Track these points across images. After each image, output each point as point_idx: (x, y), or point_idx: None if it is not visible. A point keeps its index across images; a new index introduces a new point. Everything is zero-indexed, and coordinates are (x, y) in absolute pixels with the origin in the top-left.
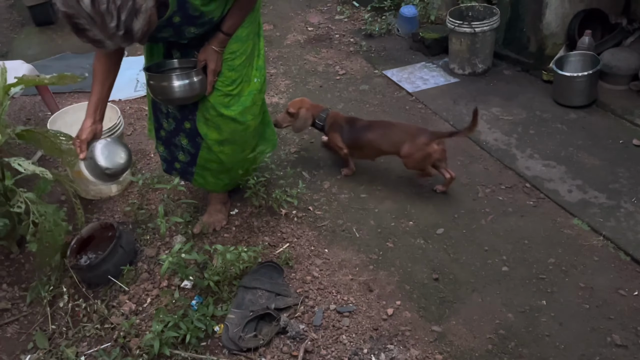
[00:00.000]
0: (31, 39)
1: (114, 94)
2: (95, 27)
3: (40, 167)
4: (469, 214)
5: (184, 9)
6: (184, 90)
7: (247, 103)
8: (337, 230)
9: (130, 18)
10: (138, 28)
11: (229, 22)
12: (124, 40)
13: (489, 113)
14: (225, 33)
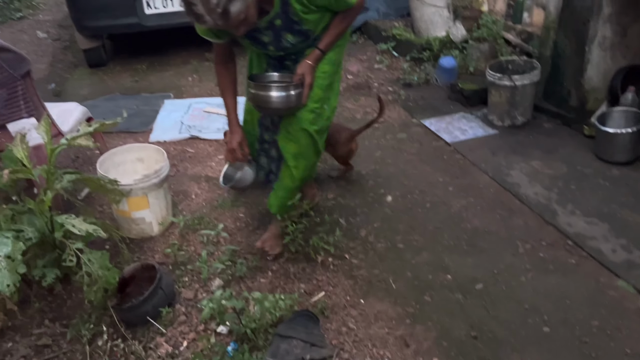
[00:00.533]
0: (83, 80)
1: (159, 135)
2: (201, 5)
3: (89, 214)
4: (508, 270)
5: (286, 12)
6: (281, 101)
7: (327, 123)
8: (373, 280)
9: (229, 4)
10: (235, 11)
11: (326, 40)
12: (221, 18)
13: (529, 166)
14: (321, 50)
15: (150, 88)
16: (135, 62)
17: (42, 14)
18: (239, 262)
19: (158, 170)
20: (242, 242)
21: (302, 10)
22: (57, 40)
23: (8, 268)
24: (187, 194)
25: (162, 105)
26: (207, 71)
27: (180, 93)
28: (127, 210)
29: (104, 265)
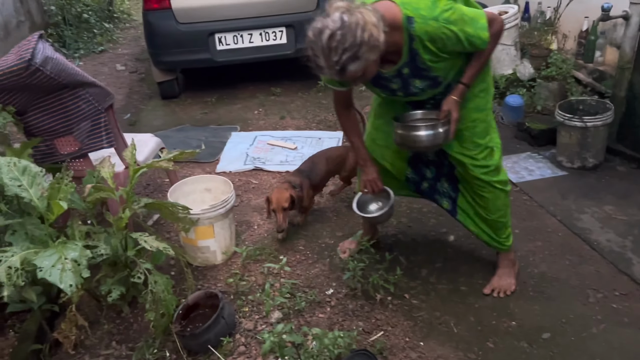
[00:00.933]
0: (157, 111)
1: (225, 166)
2: (322, 56)
3: (158, 236)
4: (578, 320)
5: (415, 61)
6: (431, 139)
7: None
8: (434, 322)
9: (348, 61)
10: (352, 69)
11: (469, 73)
12: (338, 74)
13: (601, 211)
14: (465, 84)
15: (218, 120)
16: (205, 95)
17: (121, 47)
18: (298, 295)
19: (225, 201)
20: (301, 276)
21: (431, 59)
22: (134, 73)
23: (73, 270)
24: (249, 224)
25: (229, 137)
26: (272, 105)
27: (247, 126)
28: (193, 239)
29: (167, 290)
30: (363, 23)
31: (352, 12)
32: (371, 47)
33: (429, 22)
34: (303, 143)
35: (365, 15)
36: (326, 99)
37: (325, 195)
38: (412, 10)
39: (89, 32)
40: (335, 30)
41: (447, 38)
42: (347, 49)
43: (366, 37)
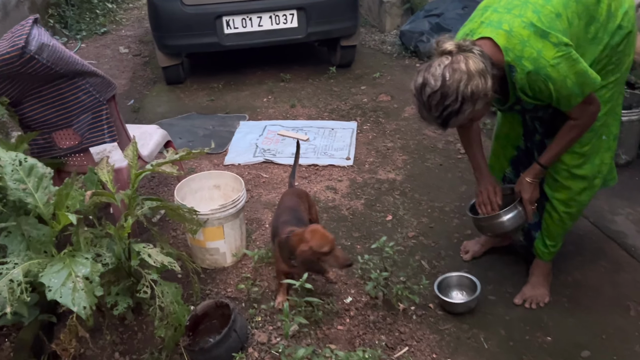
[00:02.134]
0: (161, 97)
1: (234, 158)
2: (424, 110)
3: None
4: (619, 335)
5: (520, 102)
6: (514, 222)
7: (595, 162)
8: (462, 336)
9: (449, 116)
10: (455, 123)
11: (548, 154)
12: (439, 126)
13: (636, 212)
14: (542, 165)
15: (225, 108)
16: (211, 80)
17: (124, 29)
18: (315, 303)
19: (235, 200)
20: (316, 281)
21: (533, 103)
22: (138, 56)
23: (85, 289)
24: (260, 223)
25: (238, 127)
26: (282, 92)
27: (256, 114)
28: (202, 240)
29: (176, 300)
30: (467, 78)
31: (456, 64)
32: (475, 100)
33: (529, 75)
34: (315, 134)
35: (471, 64)
36: (338, 86)
37: (341, 191)
38: (515, 58)
39: (91, 12)
40: (435, 89)
41: (540, 91)
42: (448, 106)
43: (469, 93)
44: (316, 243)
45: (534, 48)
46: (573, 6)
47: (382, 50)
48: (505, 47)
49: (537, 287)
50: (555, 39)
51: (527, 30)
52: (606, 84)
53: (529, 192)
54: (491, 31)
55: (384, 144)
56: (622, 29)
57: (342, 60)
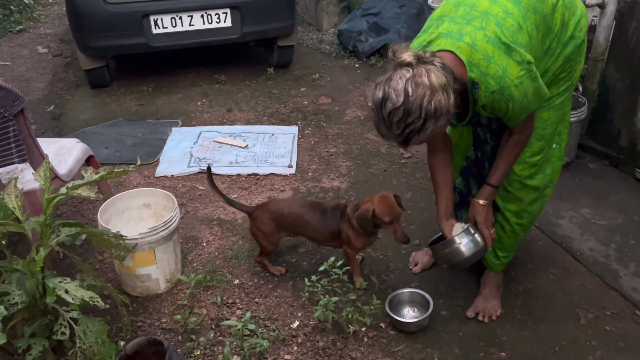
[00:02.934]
0: (85, 102)
1: (166, 169)
2: (384, 127)
3: (90, 279)
4: (572, 347)
5: (477, 116)
6: (471, 247)
7: (547, 171)
8: (416, 357)
9: (411, 134)
10: (417, 141)
11: (496, 174)
12: (400, 144)
13: (579, 215)
14: (492, 186)
15: (156, 113)
16: (140, 83)
17: (43, 27)
18: (259, 332)
19: (167, 221)
20: (260, 305)
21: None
22: (59, 56)
23: None
24: (197, 241)
25: (170, 134)
26: (217, 95)
27: (189, 119)
28: (131, 267)
29: (101, 339)
30: (430, 93)
31: (419, 78)
32: (438, 117)
33: (494, 94)
34: (255, 140)
35: (433, 78)
36: (277, 88)
37: None
38: (480, 75)
39: (4, 8)
40: (398, 105)
41: (499, 109)
42: (410, 124)
43: (432, 109)
44: (380, 209)
45: (499, 66)
46: (532, 17)
47: (320, 50)
48: (469, 62)
49: (489, 300)
50: (518, 56)
51: (490, 45)
52: (558, 92)
53: (482, 214)
54: (452, 44)
55: (326, 150)
56: (574, 39)
57: (280, 61)
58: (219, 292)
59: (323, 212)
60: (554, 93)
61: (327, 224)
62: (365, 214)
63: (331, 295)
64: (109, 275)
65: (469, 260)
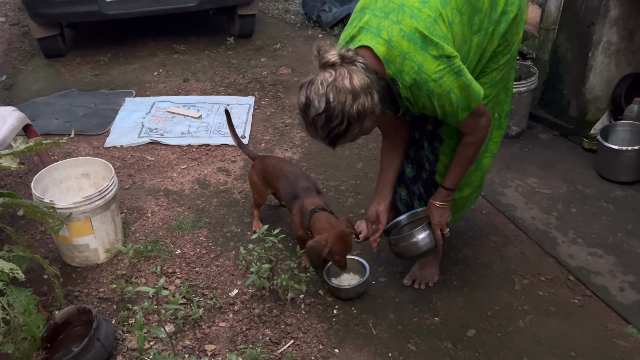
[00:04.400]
0: (38, 72)
1: (116, 140)
2: (311, 129)
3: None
4: (504, 312)
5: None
6: (428, 242)
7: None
8: (351, 323)
9: (337, 138)
10: (342, 142)
11: (450, 176)
12: (328, 145)
13: (525, 184)
14: (447, 189)
15: (111, 83)
16: (97, 53)
17: None
18: (196, 300)
19: (103, 191)
20: (200, 274)
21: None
22: (16, 25)
23: None
24: (142, 212)
25: (123, 105)
26: (175, 65)
27: (144, 90)
28: (68, 237)
29: (28, 310)
30: (352, 97)
31: (340, 83)
32: (362, 119)
33: (411, 89)
34: (209, 110)
35: (355, 81)
36: (236, 58)
37: (234, 173)
38: (396, 72)
39: None
40: (320, 112)
41: (424, 106)
42: (334, 128)
43: (355, 113)
44: (337, 249)
45: (415, 62)
46: (452, 2)
47: (285, 20)
48: (385, 59)
49: (426, 267)
50: (435, 51)
51: (406, 40)
52: (497, 67)
53: (437, 215)
54: (371, 39)
55: (282, 121)
56: (506, 14)
57: (241, 31)
58: (160, 262)
59: (292, 186)
60: (493, 68)
61: (288, 198)
62: (319, 250)
63: (267, 263)
64: (49, 246)
65: (421, 255)
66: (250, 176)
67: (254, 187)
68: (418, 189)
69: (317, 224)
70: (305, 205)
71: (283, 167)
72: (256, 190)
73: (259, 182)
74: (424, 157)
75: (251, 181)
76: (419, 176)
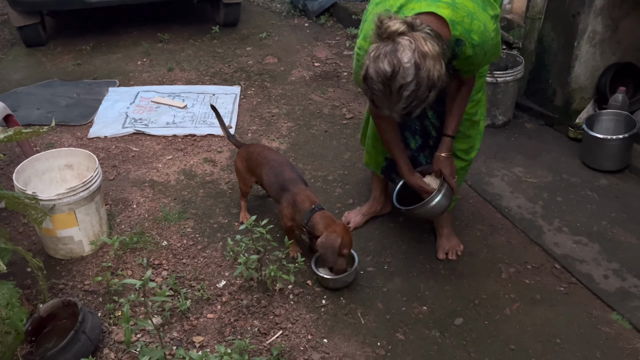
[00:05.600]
0: (18, 61)
1: (100, 130)
2: (386, 100)
3: None
4: (491, 300)
5: None
6: (444, 202)
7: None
8: (339, 313)
9: (417, 106)
10: (416, 113)
11: (452, 125)
12: (401, 116)
13: (511, 174)
14: (450, 136)
15: (94, 73)
16: (79, 42)
17: None
18: (183, 292)
19: (87, 182)
20: (187, 265)
21: None
22: None
23: None
24: (127, 203)
25: (106, 94)
26: (159, 54)
27: (128, 79)
28: (51, 229)
29: (10, 303)
30: (434, 63)
31: (423, 48)
32: (439, 85)
33: (475, 48)
34: (194, 100)
35: (431, 47)
36: (222, 47)
37: (220, 163)
38: (464, 32)
39: None
40: (410, 80)
41: (472, 62)
42: (418, 96)
43: (436, 79)
44: (345, 242)
45: (481, 21)
46: None
47: (271, 9)
48: (452, 20)
49: (451, 238)
50: (492, 11)
51: (470, 1)
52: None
53: (448, 166)
54: (429, 5)
55: (268, 110)
56: None
57: (226, 19)
58: (146, 254)
59: (277, 176)
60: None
61: (273, 188)
62: (334, 243)
63: (255, 254)
64: (32, 238)
65: (443, 212)
66: (235, 163)
67: (238, 174)
68: (425, 157)
69: (321, 222)
70: (300, 200)
71: (267, 156)
72: (241, 178)
73: (244, 169)
74: (429, 125)
75: (236, 168)
76: (425, 144)
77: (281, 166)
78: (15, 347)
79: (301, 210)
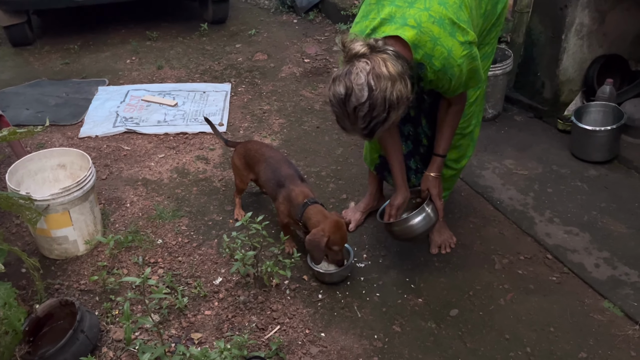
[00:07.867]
0: (5, 61)
1: (91, 130)
2: (348, 122)
3: None
4: (485, 291)
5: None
6: (424, 224)
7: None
8: (336, 307)
9: (376, 127)
10: (379, 132)
11: (442, 144)
12: (365, 136)
13: (502, 166)
14: (441, 156)
15: (82, 72)
16: (66, 41)
17: None
18: (180, 290)
19: (81, 181)
20: (183, 263)
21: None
22: None
23: None
24: (120, 202)
25: (96, 94)
26: (148, 52)
27: (117, 78)
28: (46, 229)
29: (8, 303)
30: (391, 84)
31: (378, 70)
32: (400, 106)
33: (437, 73)
34: (185, 98)
35: (391, 68)
36: (211, 45)
37: (213, 161)
38: (424, 56)
39: None
40: (363, 101)
41: (442, 86)
42: (375, 117)
43: (395, 99)
44: (333, 238)
45: (445, 47)
46: None
47: (259, 5)
48: (414, 44)
49: (443, 231)
50: (462, 37)
51: (436, 26)
52: (489, 41)
53: (436, 187)
54: (396, 29)
55: (260, 107)
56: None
57: (215, 16)
58: (141, 252)
59: (274, 172)
60: (486, 42)
61: (270, 184)
62: (319, 240)
63: (251, 250)
64: (26, 239)
65: (422, 235)
66: (233, 160)
67: (236, 171)
68: (415, 163)
69: (313, 217)
70: (295, 195)
71: (265, 152)
72: (238, 175)
73: (241, 166)
74: (422, 133)
75: (233, 165)
76: (416, 151)
77: (278, 163)
78: (14, 347)
79: (295, 205)
